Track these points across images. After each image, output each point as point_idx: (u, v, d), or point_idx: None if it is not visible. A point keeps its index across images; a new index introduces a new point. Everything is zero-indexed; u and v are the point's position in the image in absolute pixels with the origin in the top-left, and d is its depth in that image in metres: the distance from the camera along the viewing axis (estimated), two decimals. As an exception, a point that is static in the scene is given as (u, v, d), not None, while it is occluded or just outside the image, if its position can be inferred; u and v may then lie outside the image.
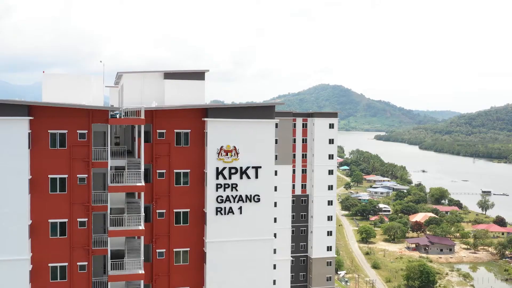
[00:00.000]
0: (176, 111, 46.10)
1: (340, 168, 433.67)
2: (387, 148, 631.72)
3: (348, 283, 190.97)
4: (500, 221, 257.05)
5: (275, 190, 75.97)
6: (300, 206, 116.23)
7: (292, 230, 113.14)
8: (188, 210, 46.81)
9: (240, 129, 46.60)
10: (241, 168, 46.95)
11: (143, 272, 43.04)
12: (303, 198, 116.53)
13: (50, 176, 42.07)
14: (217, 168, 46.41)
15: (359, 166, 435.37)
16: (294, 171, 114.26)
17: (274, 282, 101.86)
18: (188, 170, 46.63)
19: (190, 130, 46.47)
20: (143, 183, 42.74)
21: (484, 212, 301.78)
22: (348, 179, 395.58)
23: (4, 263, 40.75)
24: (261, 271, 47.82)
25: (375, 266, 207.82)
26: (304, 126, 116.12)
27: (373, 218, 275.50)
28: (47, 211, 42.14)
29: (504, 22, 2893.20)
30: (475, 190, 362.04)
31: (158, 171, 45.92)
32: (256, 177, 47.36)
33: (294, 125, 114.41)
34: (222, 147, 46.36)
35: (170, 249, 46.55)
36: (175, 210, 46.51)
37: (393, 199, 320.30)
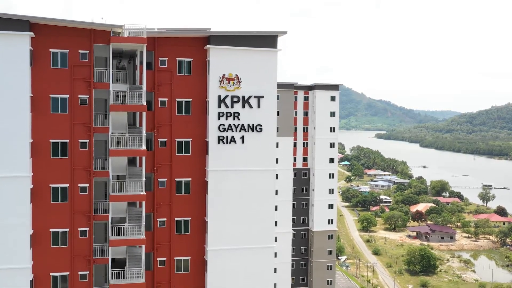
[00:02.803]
0: (178, 39, 45.80)
1: (341, 163, 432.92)
2: (387, 146, 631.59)
3: (349, 268, 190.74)
4: (501, 211, 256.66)
5: (276, 162, 75.78)
6: (301, 179, 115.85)
7: (293, 204, 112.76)
8: (190, 139, 46.48)
9: (242, 57, 46.28)
10: (243, 97, 46.65)
11: (144, 193, 42.83)
12: (304, 172, 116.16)
13: (51, 95, 41.83)
14: (219, 96, 46.11)
15: (360, 161, 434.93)
16: (295, 144, 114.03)
17: (276, 255, 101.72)
18: (190, 99, 46.32)
19: (192, 59, 46.18)
20: (144, 104, 42.45)
21: (485, 204, 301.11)
22: (349, 174, 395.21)
23: (5, 180, 40.47)
24: (263, 201, 47.50)
25: (375, 253, 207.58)
26: (306, 99, 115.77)
27: (373, 208, 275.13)
28: (48, 131, 41.88)
29: (505, 23, 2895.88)
30: (476, 184, 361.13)
31: (159, 99, 45.60)
32: (258, 106, 47.06)
33: (296, 98, 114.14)
34: (224, 75, 46.07)
35: (171, 179, 46.23)
36: (176, 140, 46.16)
37: (393, 191, 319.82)
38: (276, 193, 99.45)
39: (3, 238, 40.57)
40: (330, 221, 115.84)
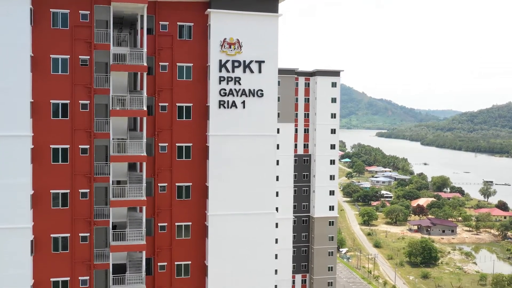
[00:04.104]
0: (179, 4, 45.57)
1: (342, 160, 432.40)
2: (388, 144, 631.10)
3: (350, 260, 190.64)
4: (503, 205, 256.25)
5: (277, 148, 75.17)
6: (303, 166, 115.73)
7: (294, 190, 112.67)
8: (191, 104, 46.33)
9: (243, 21, 46.07)
10: (244, 61, 46.47)
11: (145, 154, 42.73)
12: (306, 158, 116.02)
13: (51, 56, 41.70)
14: (220, 61, 45.94)
15: (361, 158, 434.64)
16: (296, 130, 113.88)
17: (276, 241, 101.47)
18: (191, 64, 46.16)
19: (193, 24, 46.03)
20: (145, 64, 42.32)
21: (486, 199, 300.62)
22: (350, 170, 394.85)
23: (5, 139, 40.32)
24: (264, 167, 47.22)
25: (376, 245, 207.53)
26: (307, 85, 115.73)
27: (374, 203, 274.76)
28: (48, 92, 41.69)
29: (505, 23, 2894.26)
30: (477, 180, 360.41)
31: (160, 63, 45.44)
32: (260, 71, 46.87)
33: (297, 84, 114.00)
34: (225, 39, 45.90)
35: (172, 144, 46.08)
36: (177, 104, 45.99)
37: (394, 187, 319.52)
38: (277, 179, 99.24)
39: (4, 198, 40.39)
40: (331, 208, 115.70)
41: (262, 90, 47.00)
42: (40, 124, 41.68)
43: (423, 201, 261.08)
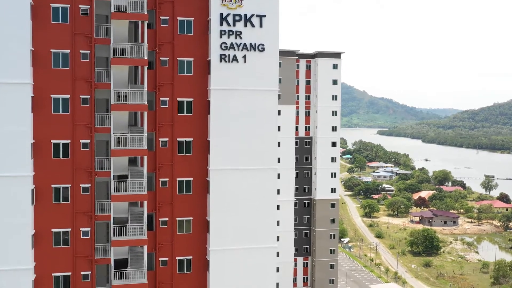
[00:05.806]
0: (180, -42, 45.50)
1: (343, 156, 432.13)
2: (390, 142, 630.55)
3: (351, 250, 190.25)
4: (504, 198, 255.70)
5: (279, 130, 74.62)
6: (304, 148, 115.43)
7: (296, 173, 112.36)
8: (192, 59, 46.14)
9: (244, -26, 45.96)
10: (245, 15, 46.25)
11: (145, 104, 42.49)
12: (307, 140, 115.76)
13: (52, 5, 41.57)
14: (221, 14, 45.72)
15: (362, 154, 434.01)
16: (297, 113, 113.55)
17: (278, 223, 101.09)
18: (192, 18, 45.98)
19: (193, -22, 45.88)
20: (145, 13, 42.08)
21: (487, 193, 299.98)
22: (351, 166, 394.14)
23: (5, 86, 40.10)
24: (265, 122, 46.90)
25: (378, 236, 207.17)
26: (308, 67, 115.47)
27: (376, 196, 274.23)
28: (49, 41, 41.55)
29: (507, 21, 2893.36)
30: (479, 175, 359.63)
31: (161, 17, 45.23)
32: (261, 26, 46.64)
33: (298, 66, 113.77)
34: (226, -8, 45.74)
35: (173, 98, 45.87)
36: (178, 58, 45.82)
37: (396, 181, 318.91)
38: (279, 161, 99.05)
39: (4, 145, 40.19)
40: (333, 190, 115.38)
41: (263, 45, 46.77)
42: (40, 73, 41.52)
43: (424, 194, 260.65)
